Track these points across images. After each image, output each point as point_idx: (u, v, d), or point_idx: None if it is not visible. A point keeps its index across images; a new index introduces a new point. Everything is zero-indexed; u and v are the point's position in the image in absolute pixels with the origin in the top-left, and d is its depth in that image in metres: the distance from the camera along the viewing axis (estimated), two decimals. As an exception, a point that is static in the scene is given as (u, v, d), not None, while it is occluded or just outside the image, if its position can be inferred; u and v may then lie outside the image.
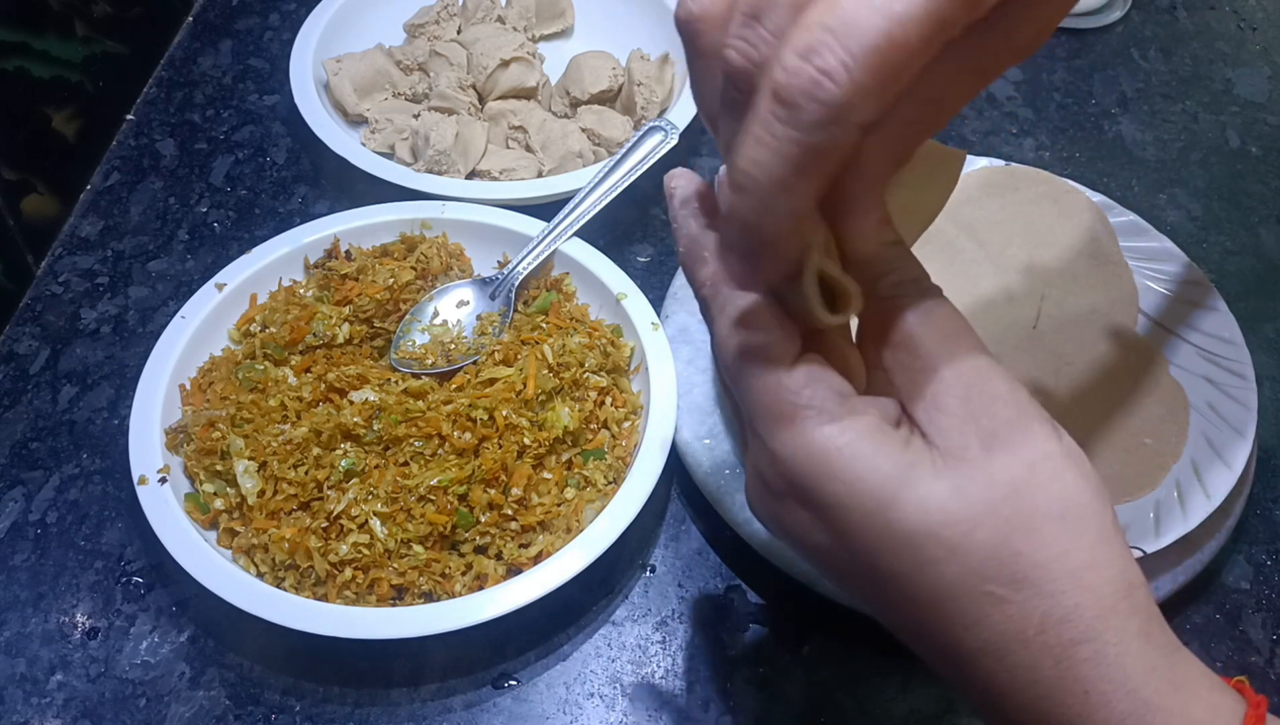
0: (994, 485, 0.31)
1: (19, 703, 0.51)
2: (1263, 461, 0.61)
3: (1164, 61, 0.86)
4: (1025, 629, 0.30)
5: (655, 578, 0.56)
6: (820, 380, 0.32)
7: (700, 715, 0.52)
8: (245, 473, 0.54)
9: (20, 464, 0.60)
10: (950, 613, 0.31)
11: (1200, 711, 0.31)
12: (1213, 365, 0.60)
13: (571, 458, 0.57)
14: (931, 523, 0.31)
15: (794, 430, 0.32)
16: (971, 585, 0.31)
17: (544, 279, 0.65)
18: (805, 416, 0.32)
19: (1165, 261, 0.65)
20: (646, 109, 0.75)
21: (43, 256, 0.70)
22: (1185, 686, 0.31)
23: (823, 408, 0.32)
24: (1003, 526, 0.30)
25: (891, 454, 0.31)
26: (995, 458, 0.31)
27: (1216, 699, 0.31)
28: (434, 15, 0.82)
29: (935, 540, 0.31)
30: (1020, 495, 0.31)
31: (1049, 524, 0.30)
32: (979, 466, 0.31)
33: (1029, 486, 0.31)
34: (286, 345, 0.60)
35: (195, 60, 0.83)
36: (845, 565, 0.33)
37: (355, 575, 0.52)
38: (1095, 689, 0.30)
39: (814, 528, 0.33)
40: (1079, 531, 0.31)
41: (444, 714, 0.52)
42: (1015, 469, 0.31)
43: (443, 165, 0.71)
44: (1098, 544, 0.31)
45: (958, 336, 0.33)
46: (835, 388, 0.33)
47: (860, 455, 0.31)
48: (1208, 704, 0.31)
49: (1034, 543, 0.30)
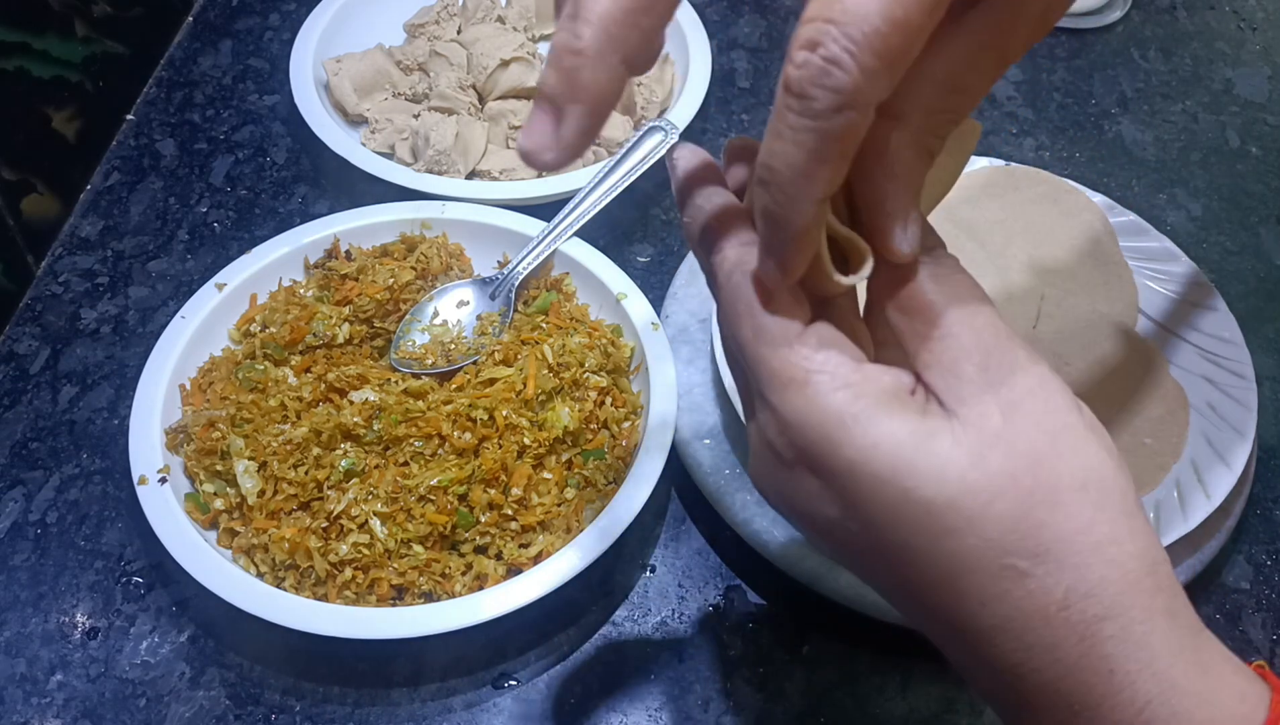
0: (1016, 455, 0.30)
1: (19, 703, 0.51)
2: (1263, 461, 0.61)
3: (1164, 61, 0.86)
4: (1047, 605, 0.29)
5: (655, 578, 0.56)
6: (833, 344, 0.32)
7: (700, 715, 0.52)
8: (245, 473, 0.54)
9: (20, 464, 0.60)
10: (966, 588, 0.30)
11: (1227, 696, 0.30)
12: (1213, 365, 0.60)
13: (571, 458, 0.57)
14: (950, 492, 0.29)
15: (806, 394, 0.31)
16: (991, 558, 0.29)
17: (544, 279, 0.65)
18: (818, 380, 0.31)
19: (1165, 261, 0.65)
20: (646, 109, 0.75)
21: (43, 256, 0.70)
22: (1212, 670, 0.30)
23: (836, 372, 0.31)
24: (1025, 497, 0.29)
25: (908, 420, 0.30)
26: (1016, 427, 0.30)
27: (1243, 684, 0.30)
28: (434, 15, 0.82)
29: (954, 510, 0.29)
30: (1042, 465, 0.30)
31: (1072, 496, 0.30)
32: (1000, 435, 0.30)
33: (1052, 457, 0.30)
34: (286, 345, 0.60)
35: (195, 60, 0.83)
36: (855, 539, 0.32)
37: (355, 575, 0.52)
38: (1120, 668, 0.29)
39: (824, 498, 0.32)
40: (1103, 504, 0.30)
41: (444, 714, 0.52)
42: (1037, 439, 0.30)
43: (443, 165, 0.71)
44: (1121, 517, 0.30)
45: (975, 303, 0.32)
46: (849, 352, 0.32)
47: (876, 420, 0.30)
48: (1234, 689, 0.30)
49: (1057, 515, 0.29)
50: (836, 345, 0.32)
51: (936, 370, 0.31)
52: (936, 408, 0.31)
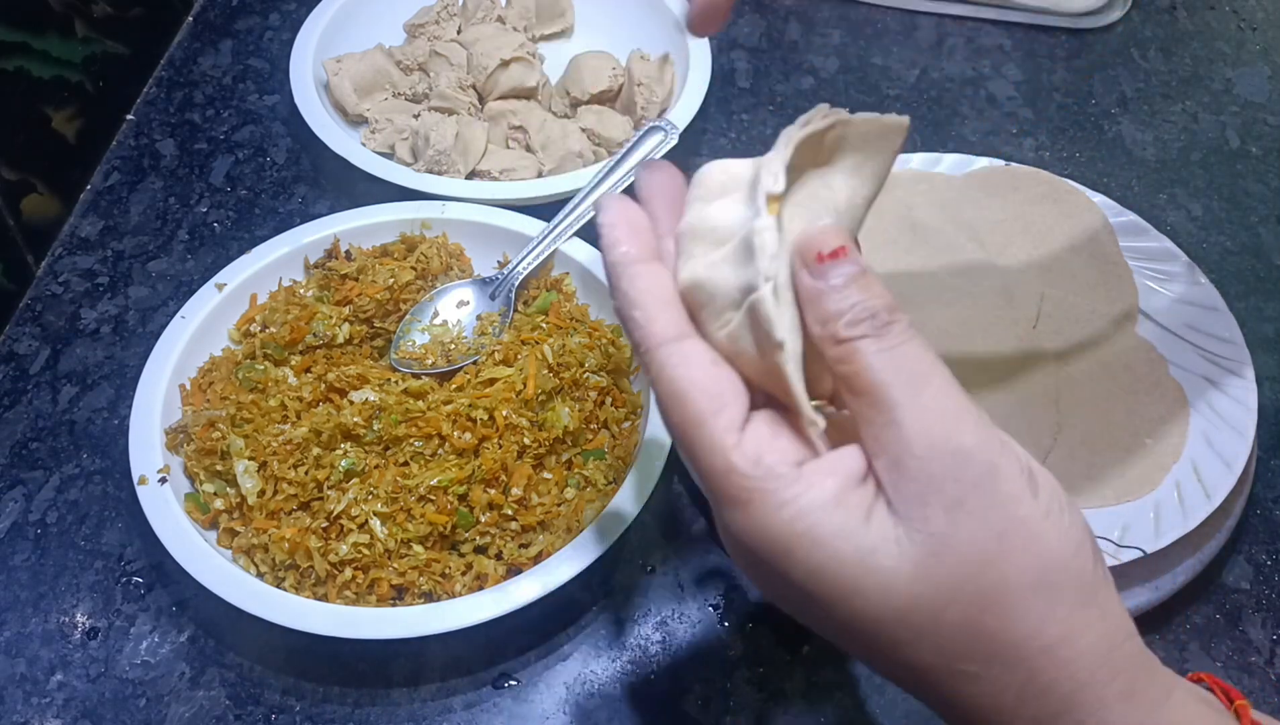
0: (961, 562, 0.29)
1: (19, 703, 0.51)
2: (1262, 461, 0.61)
3: (1164, 61, 0.86)
4: (1001, 703, 0.30)
5: (655, 578, 0.56)
6: (771, 451, 0.30)
7: (700, 715, 0.52)
8: (245, 473, 0.54)
9: (20, 464, 0.60)
10: (928, 685, 0.31)
11: None
12: (1213, 365, 0.60)
13: (571, 458, 0.57)
14: (898, 606, 0.29)
15: (748, 513, 0.30)
16: (944, 663, 0.30)
17: (544, 279, 0.65)
18: (758, 499, 0.30)
19: (1165, 261, 0.65)
20: (646, 109, 0.75)
21: (43, 256, 0.70)
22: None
23: (775, 489, 0.30)
24: (971, 606, 0.29)
25: (851, 536, 0.30)
26: (960, 529, 0.29)
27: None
28: (434, 15, 0.82)
29: (903, 625, 0.30)
30: (989, 570, 0.29)
31: (1021, 598, 0.29)
32: (943, 541, 0.29)
33: (998, 559, 0.29)
34: (286, 345, 0.60)
35: (195, 60, 0.83)
36: (826, 625, 0.33)
37: (355, 575, 0.52)
38: None
39: (786, 590, 0.32)
40: (1054, 601, 0.29)
41: (444, 714, 0.52)
42: (983, 541, 0.29)
43: (443, 165, 0.71)
44: (1075, 610, 0.30)
45: (923, 381, 0.30)
46: (789, 457, 0.31)
47: (819, 541, 0.30)
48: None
49: (1005, 621, 0.29)
50: (775, 451, 0.31)
51: (883, 461, 0.30)
52: (882, 508, 0.30)
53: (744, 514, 0.31)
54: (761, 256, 0.30)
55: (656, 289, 0.33)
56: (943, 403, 0.30)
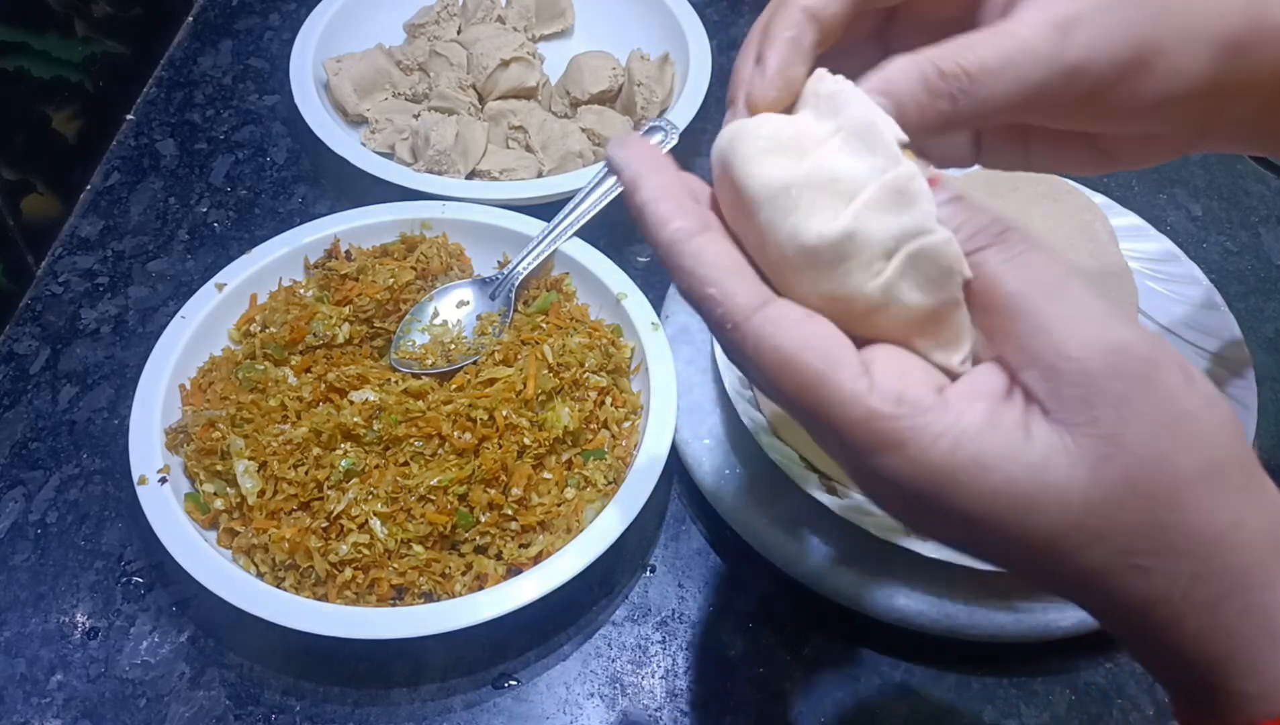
0: (1136, 460, 0.28)
1: (19, 703, 0.51)
2: (1262, 461, 0.61)
3: (1164, 61, 0.86)
4: (1171, 594, 0.29)
5: (655, 578, 0.56)
6: (908, 386, 0.29)
7: (700, 715, 0.52)
8: (245, 473, 0.54)
9: (20, 464, 0.60)
10: (1094, 587, 0.30)
11: None
12: (1213, 365, 0.60)
13: (571, 458, 0.57)
14: (1075, 516, 0.29)
15: (904, 454, 0.29)
16: (1117, 562, 0.29)
17: (544, 279, 0.65)
18: (911, 436, 0.29)
19: (1165, 261, 0.65)
20: (646, 109, 0.75)
21: (43, 256, 0.70)
22: None
23: (928, 423, 0.29)
24: (1147, 502, 0.29)
25: (1018, 455, 0.29)
26: (1131, 427, 0.28)
27: None
28: (434, 15, 0.82)
29: (1080, 532, 0.29)
30: (1163, 465, 0.28)
31: (1194, 489, 0.29)
32: (1114, 442, 0.28)
33: (1171, 453, 0.28)
34: (286, 345, 0.60)
35: (195, 60, 0.83)
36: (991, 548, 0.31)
37: (355, 575, 0.52)
38: (1239, 634, 0.29)
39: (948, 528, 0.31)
40: (1224, 487, 0.29)
41: (444, 714, 0.52)
42: (1155, 437, 0.28)
43: (443, 165, 0.71)
44: (1242, 494, 0.29)
45: (1061, 285, 0.29)
46: (928, 384, 0.30)
47: (986, 466, 0.29)
48: None
49: (1180, 513, 0.29)
50: (911, 385, 0.29)
51: (1034, 371, 0.29)
52: (1040, 420, 0.29)
53: (899, 456, 0.29)
54: (920, 201, 0.30)
55: (725, 260, 0.31)
56: (1088, 304, 0.29)
